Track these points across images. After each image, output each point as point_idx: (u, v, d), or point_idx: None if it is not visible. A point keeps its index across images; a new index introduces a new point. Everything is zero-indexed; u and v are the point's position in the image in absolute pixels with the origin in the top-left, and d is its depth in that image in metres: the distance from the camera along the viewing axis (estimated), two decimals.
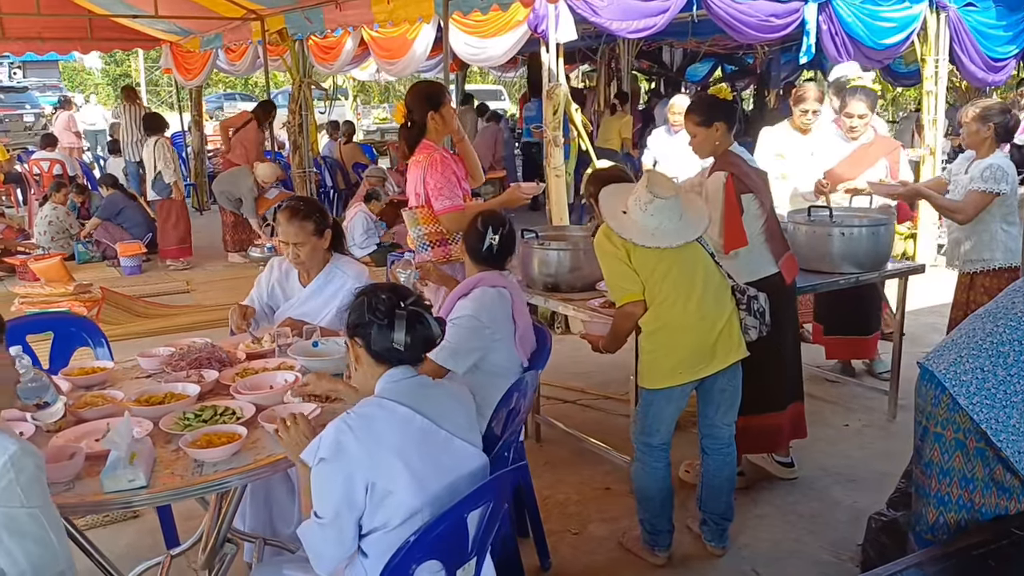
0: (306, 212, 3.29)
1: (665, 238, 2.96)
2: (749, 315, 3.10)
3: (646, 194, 2.96)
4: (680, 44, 12.11)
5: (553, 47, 5.96)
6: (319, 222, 3.30)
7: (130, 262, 8.39)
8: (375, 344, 2.09)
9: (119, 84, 36.43)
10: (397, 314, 2.07)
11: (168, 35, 11.54)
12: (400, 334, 2.06)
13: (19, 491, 1.76)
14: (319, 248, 3.33)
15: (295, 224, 3.25)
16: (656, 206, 2.96)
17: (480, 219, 3.13)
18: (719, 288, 3.08)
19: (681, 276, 3.00)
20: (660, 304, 3.01)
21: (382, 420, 2.02)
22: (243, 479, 2.23)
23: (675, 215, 2.98)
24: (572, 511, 3.68)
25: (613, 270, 3.06)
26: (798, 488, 3.85)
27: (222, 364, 2.92)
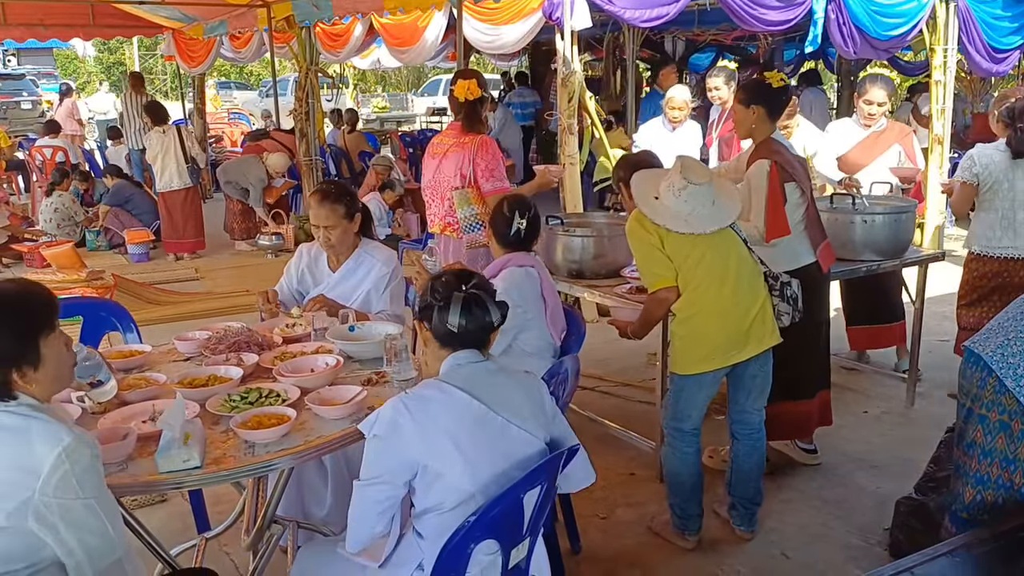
0: (337, 195, 3.31)
1: (699, 224, 2.97)
2: (782, 301, 3.12)
3: (680, 180, 2.97)
4: (684, 33, 12.07)
5: (568, 34, 5.95)
6: (349, 205, 3.31)
7: (138, 249, 8.38)
8: (435, 326, 2.11)
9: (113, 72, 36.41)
10: (455, 296, 2.08)
11: (171, 22, 11.48)
12: (455, 316, 2.07)
13: (74, 482, 1.77)
14: (349, 231, 3.34)
15: (326, 207, 3.26)
16: (690, 192, 2.96)
17: (506, 204, 3.17)
18: (752, 274, 3.09)
19: (715, 262, 3.01)
20: (694, 290, 3.02)
21: (439, 403, 2.03)
22: (294, 460, 2.24)
23: (708, 201, 2.99)
24: (599, 496, 3.69)
25: (646, 256, 3.07)
26: (821, 474, 3.88)
27: (260, 348, 2.92)
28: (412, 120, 22.43)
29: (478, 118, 4.00)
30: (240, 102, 23.14)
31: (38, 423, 1.79)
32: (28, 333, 1.84)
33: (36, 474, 1.74)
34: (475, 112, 3.98)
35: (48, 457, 1.74)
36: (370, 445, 2.04)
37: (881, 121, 4.80)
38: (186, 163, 8.28)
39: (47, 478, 1.74)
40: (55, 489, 1.74)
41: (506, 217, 3.19)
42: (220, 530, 3.12)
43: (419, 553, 2.07)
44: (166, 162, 8.21)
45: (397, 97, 26.36)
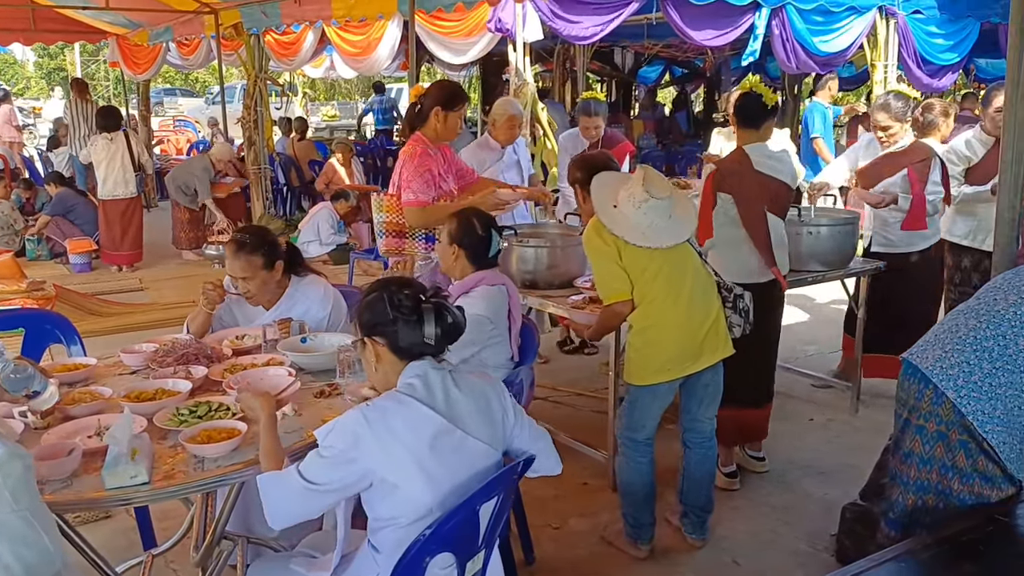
0: (253, 245, 3.10)
1: (657, 238, 3.00)
2: (735, 313, 3.17)
3: (641, 192, 2.98)
4: (633, 46, 12.22)
5: (520, 46, 6.00)
6: (268, 254, 3.12)
7: (80, 259, 8.18)
8: (402, 341, 2.08)
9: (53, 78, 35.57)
10: (424, 308, 2.07)
11: (115, 28, 11.26)
12: (431, 328, 2.06)
13: (7, 495, 1.71)
14: (270, 280, 3.16)
15: (241, 259, 3.08)
16: (651, 205, 2.98)
17: (478, 223, 3.11)
18: (706, 287, 3.13)
19: (671, 276, 3.04)
20: (650, 303, 3.05)
21: (399, 415, 2.01)
22: (243, 475, 2.20)
23: (666, 215, 3.02)
24: (551, 507, 3.70)
25: (603, 269, 3.08)
26: (769, 481, 3.95)
27: (209, 360, 2.87)
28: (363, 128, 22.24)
29: (414, 122, 3.92)
30: (186, 109, 22.77)
31: None
32: None
33: None
34: (411, 116, 3.93)
35: None
36: (323, 453, 2.01)
37: (903, 141, 4.58)
38: (135, 171, 8.08)
39: None
40: None
41: (482, 237, 3.12)
42: (167, 546, 3.06)
43: (375, 567, 2.05)
44: (111, 169, 7.98)
45: (347, 106, 26.16)
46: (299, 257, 3.36)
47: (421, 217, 3.78)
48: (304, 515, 2.06)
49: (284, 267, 3.21)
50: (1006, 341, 2.26)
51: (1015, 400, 2.24)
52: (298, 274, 3.30)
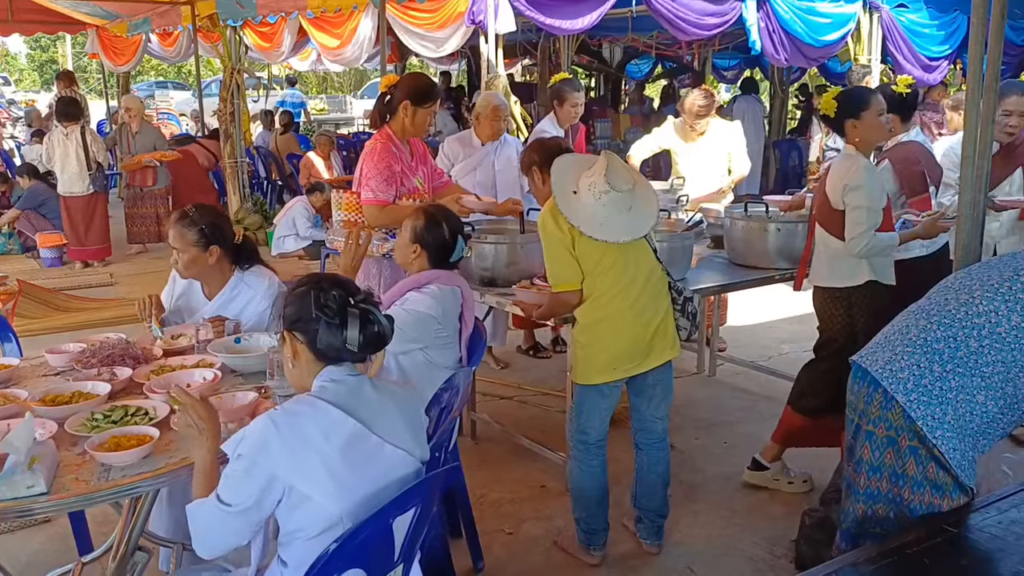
0: (192, 220, 3.02)
1: (613, 232, 2.87)
2: (683, 316, 3.06)
3: (603, 183, 2.84)
4: (619, 40, 12.09)
5: (492, 38, 5.88)
6: (204, 235, 3.01)
7: (51, 253, 8.06)
8: (321, 342, 1.96)
9: (46, 70, 35.37)
10: (349, 312, 1.95)
11: (94, 18, 11.12)
12: (354, 332, 1.94)
13: None
14: (201, 261, 3.04)
15: (176, 228, 3.01)
16: (611, 197, 2.85)
17: (447, 226, 3.00)
18: (658, 286, 3.02)
19: (622, 272, 2.93)
20: (597, 298, 2.95)
21: (310, 419, 1.90)
22: (154, 484, 2.10)
23: (625, 207, 2.90)
24: (507, 510, 3.60)
25: (555, 254, 2.97)
26: (732, 483, 3.84)
27: (136, 361, 2.76)
28: (350, 123, 22.13)
29: (381, 115, 3.80)
30: (176, 102, 22.61)
31: None
32: None
33: None
34: (380, 106, 3.80)
35: None
36: (235, 465, 1.90)
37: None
38: (88, 168, 7.83)
39: None
40: None
41: (446, 241, 3.01)
42: (98, 554, 2.91)
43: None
44: (66, 165, 7.76)
45: (336, 99, 26.03)
46: (250, 252, 3.23)
47: (380, 216, 3.67)
48: (231, 542, 1.94)
49: (230, 258, 3.11)
50: (956, 343, 2.15)
51: (966, 405, 2.14)
52: (243, 267, 3.19)
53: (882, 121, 3.44)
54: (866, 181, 3.32)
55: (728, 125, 5.41)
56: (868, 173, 3.37)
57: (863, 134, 3.41)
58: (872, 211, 3.30)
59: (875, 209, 3.31)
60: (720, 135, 5.32)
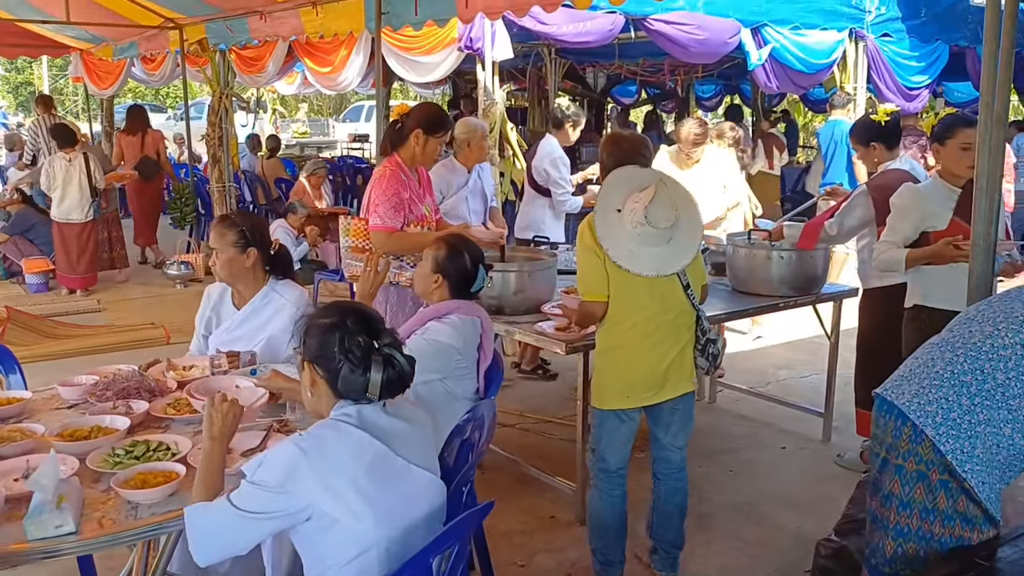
0: (233, 222, 3.14)
1: (640, 264, 2.86)
2: (702, 356, 3.04)
3: (641, 215, 2.82)
4: (606, 66, 12.20)
5: (489, 65, 5.90)
6: (245, 236, 3.09)
7: (36, 279, 7.92)
8: (343, 383, 1.96)
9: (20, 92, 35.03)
10: (374, 359, 1.95)
11: (78, 42, 11.04)
12: (376, 378, 1.94)
13: None
14: (238, 263, 3.10)
15: (217, 229, 3.11)
16: (646, 232, 2.84)
17: (468, 256, 2.98)
18: (680, 320, 3.00)
19: (647, 302, 2.92)
20: (617, 324, 2.95)
21: (337, 443, 1.89)
22: (182, 523, 2.05)
23: (662, 241, 2.88)
24: (518, 541, 3.57)
25: (588, 264, 2.96)
26: (742, 512, 3.84)
27: (152, 394, 2.71)
28: (333, 146, 22.12)
29: (392, 143, 3.80)
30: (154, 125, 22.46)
31: None
32: None
33: None
34: (391, 134, 3.81)
35: None
36: (257, 489, 1.86)
37: None
38: (92, 196, 7.72)
39: None
40: None
41: (468, 271, 2.99)
42: None
43: None
44: (67, 191, 7.66)
45: (318, 122, 26.01)
46: (285, 263, 3.29)
47: (388, 243, 3.66)
48: (234, 548, 1.91)
49: (264, 265, 3.16)
50: (983, 375, 2.17)
51: (993, 438, 2.15)
52: (277, 276, 3.23)
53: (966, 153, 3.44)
54: (899, 200, 3.57)
55: (722, 152, 5.46)
56: (903, 196, 3.61)
57: (944, 160, 3.60)
58: (893, 228, 3.55)
59: (896, 227, 3.55)
60: (714, 163, 5.37)
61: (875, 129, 4.06)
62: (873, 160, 4.10)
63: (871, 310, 4.13)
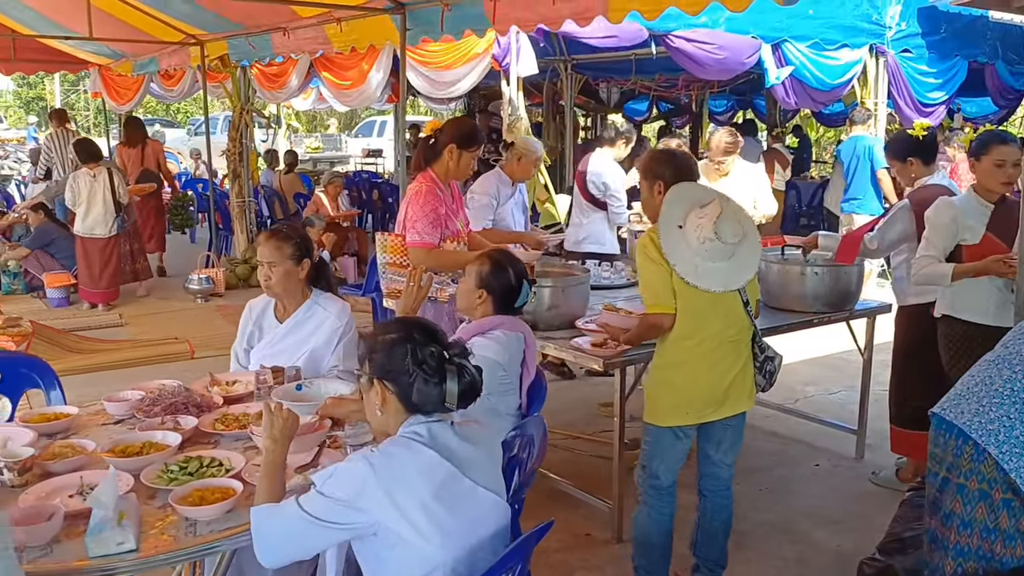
0: (286, 235, 3.18)
1: (708, 280, 2.85)
2: (759, 374, 3.03)
3: (710, 230, 2.80)
4: (622, 82, 12.24)
5: (514, 80, 5.92)
6: (299, 248, 3.14)
7: (57, 294, 7.93)
8: (417, 396, 1.95)
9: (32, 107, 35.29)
10: (448, 369, 1.94)
11: (98, 58, 11.10)
12: (453, 388, 1.94)
13: None
14: (293, 276, 3.14)
15: (272, 244, 3.12)
16: (715, 247, 2.82)
17: (512, 271, 2.96)
18: (740, 337, 2.99)
19: (710, 319, 2.91)
20: (681, 340, 2.91)
21: (408, 462, 1.89)
22: (242, 540, 2.04)
23: (727, 255, 2.87)
24: (555, 560, 3.54)
25: (654, 277, 2.91)
26: (779, 530, 3.81)
27: (199, 409, 2.71)
28: (346, 161, 22.20)
29: (426, 159, 3.82)
30: (168, 141, 22.57)
31: None
32: None
33: None
34: (424, 151, 3.83)
35: None
36: (326, 502, 1.87)
37: None
38: (116, 211, 7.74)
39: None
40: None
41: (513, 287, 2.97)
42: None
43: None
44: (92, 207, 7.65)
45: (331, 138, 26.11)
46: (327, 274, 3.33)
47: (426, 260, 3.66)
48: (300, 552, 1.93)
49: (309, 275, 3.18)
50: None
51: None
52: (320, 287, 3.26)
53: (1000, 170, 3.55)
54: (934, 214, 3.63)
55: (751, 167, 5.46)
56: (939, 209, 3.64)
57: (979, 176, 3.65)
58: (930, 242, 3.60)
59: (933, 241, 3.59)
60: (744, 177, 5.37)
61: (912, 144, 4.05)
62: (910, 175, 4.08)
63: (907, 327, 4.10)
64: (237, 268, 8.88)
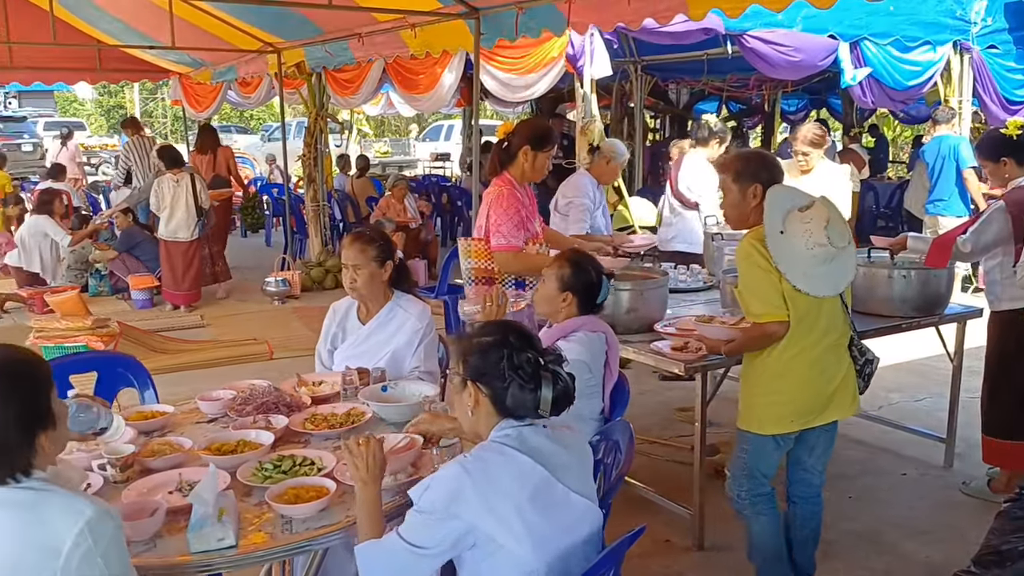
0: (370, 238, 3.21)
1: (816, 285, 2.78)
2: (859, 377, 2.97)
3: (822, 235, 2.73)
4: (693, 83, 12.11)
5: (588, 82, 5.90)
6: (382, 251, 3.18)
7: (142, 295, 8.20)
8: (510, 400, 1.95)
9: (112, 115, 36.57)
10: (543, 375, 1.94)
11: (178, 66, 11.46)
12: (547, 394, 1.93)
13: (99, 560, 1.62)
14: (377, 278, 3.17)
15: (356, 246, 3.15)
16: (825, 252, 2.75)
17: (591, 268, 2.96)
18: (840, 340, 2.93)
19: (815, 324, 2.84)
20: (788, 347, 2.84)
21: (502, 468, 1.89)
22: (335, 538, 2.07)
23: (830, 259, 2.80)
24: (635, 566, 3.50)
25: (762, 282, 2.81)
26: (866, 540, 3.70)
27: (290, 409, 2.76)
28: (414, 165, 22.45)
29: (501, 162, 3.83)
30: (242, 146, 23.18)
31: (55, 496, 1.65)
32: (44, 391, 1.72)
33: (56, 552, 1.59)
34: (499, 155, 3.83)
35: (68, 533, 1.60)
36: (424, 511, 1.89)
37: None
38: (198, 215, 7.97)
39: (69, 556, 1.59)
40: (78, 568, 1.60)
41: (594, 283, 2.97)
42: None
43: None
44: (175, 211, 7.90)
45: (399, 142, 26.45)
46: (408, 275, 3.38)
47: (514, 263, 3.67)
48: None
49: (392, 278, 3.22)
50: None
51: None
52: (401, 289, 3.30)
53: None
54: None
55: (836, 168, 5.33)
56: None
57: None
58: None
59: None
60: (827, 176, 5.23)
61: (1006, 143, 3.90)
62: (1003, 176, 3.93)
63: (1000, 333, 3.95)
64: (312, 271, 9.05)
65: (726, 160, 3.16)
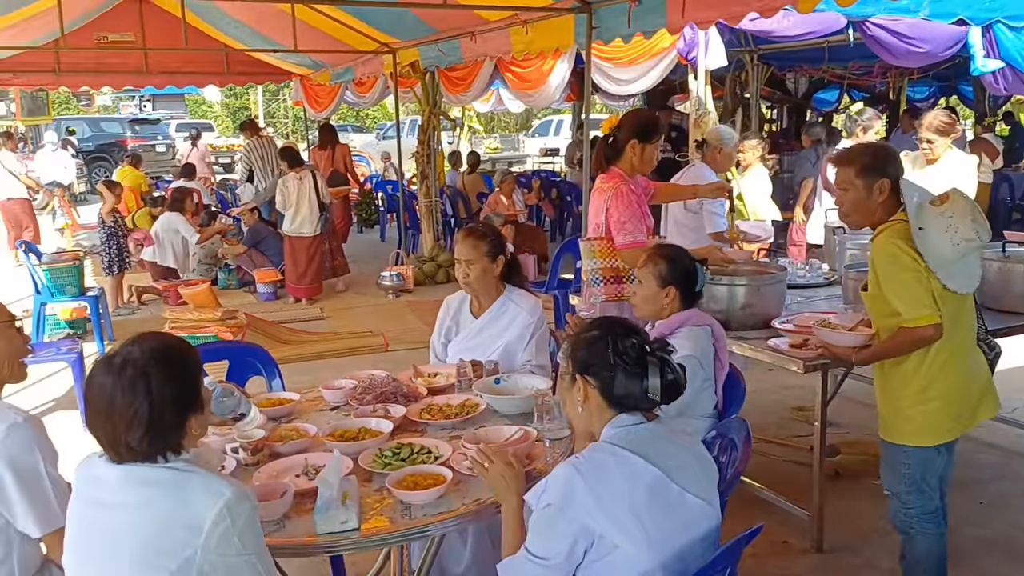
0: (482, 233, 3.28)
1: (959, 280, 2.66)
2: None
3: (970, 230, 2.60)
4: (812, 71, 11.71)
5: (702, 74, 5.80)
6: (493, 245, 3.24)
7: (267, 288, 8.58)
8: (619, 389, 1.95)
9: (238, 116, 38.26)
10: (649, 360, 1.94)
11: (300, 68, 11.89)
12: (655, 381, 1.92)
13: (236, 539, 1.71)
14: (489, 272, 3.24)
15: (469, 242, 3.22)
16: (972, 247, 2.62)
17: (684, 257, 2.95)
18: (975, 336, 2.83)
19: (960, 320, 2.73)
20: (940, 350, 2.70)
21: (615, 468, 1.89)
22: (452, 524, 2.13)
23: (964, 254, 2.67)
24: (749, 566, 3.43)
25: (912, 285, 2.65)
26: (998, 547, 3.54)
27: (407, 399, 2.84)
28: (523, 160, 22.59)
29: (607, 157, 3.80)
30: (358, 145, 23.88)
31: (196, 477, 1.75)
32: (196, 376, 1.84)
33: (198, 530, 1.69)
34: (604, 150, 3.81)
35: (209, 512, 1.69)
36: (540, 516, 1.90)
37: None
38: (320, 211, 8.28)
39: (209, 534, 1.69)
40: (217, 546, 1.69)
41: (692, 272, 2.94)
42: None
43: None
44: (299, 208, 8.23)
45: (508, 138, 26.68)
46: (519, 270, 3.42)
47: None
48: None
49: (503, 272, 3.27)
50: None
51: None
52: (513, 283, 3.35)
53: None
54: None
55: (964, 158, 5.07)
56: None
57: None
58: None
59: None
60: (954, 167, 4.99)
61: None
62: None
63: None
64: (425, 265, 9.25)
65: (848, 154, 2.94)
